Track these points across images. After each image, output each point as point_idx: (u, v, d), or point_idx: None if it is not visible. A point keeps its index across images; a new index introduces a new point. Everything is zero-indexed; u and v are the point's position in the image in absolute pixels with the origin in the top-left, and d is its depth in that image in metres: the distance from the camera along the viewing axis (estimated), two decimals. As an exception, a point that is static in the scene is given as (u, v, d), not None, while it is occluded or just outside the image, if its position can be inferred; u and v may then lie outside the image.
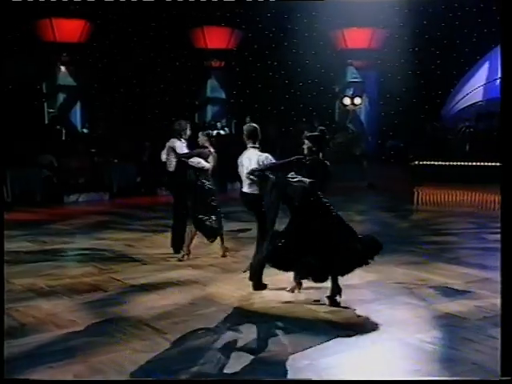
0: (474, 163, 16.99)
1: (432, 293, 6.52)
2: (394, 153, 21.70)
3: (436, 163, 17.60)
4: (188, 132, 8.70)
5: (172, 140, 8.57)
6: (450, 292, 6.58)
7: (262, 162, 6.59)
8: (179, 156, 8.38)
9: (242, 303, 6.35)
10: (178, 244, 8.55)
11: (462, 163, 17.15)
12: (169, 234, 9.19)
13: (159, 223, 11.24)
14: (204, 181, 8.25)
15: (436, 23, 21.75)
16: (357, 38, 22.60)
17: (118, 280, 7.32)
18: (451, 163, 17.37)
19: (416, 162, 17.46)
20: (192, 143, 8.77)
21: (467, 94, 19.64)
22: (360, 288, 6.67)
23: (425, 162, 17.53)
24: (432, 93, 21.94)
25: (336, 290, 6.14)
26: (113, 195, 14.67)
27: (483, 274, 7.29)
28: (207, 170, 8.27)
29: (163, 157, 8.69)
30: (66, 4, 18.86)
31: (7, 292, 6.29)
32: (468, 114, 19.05)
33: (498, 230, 10.29)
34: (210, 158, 8.27)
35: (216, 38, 23.00)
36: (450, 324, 5.55)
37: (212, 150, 8.29)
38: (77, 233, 10.72)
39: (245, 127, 7.00)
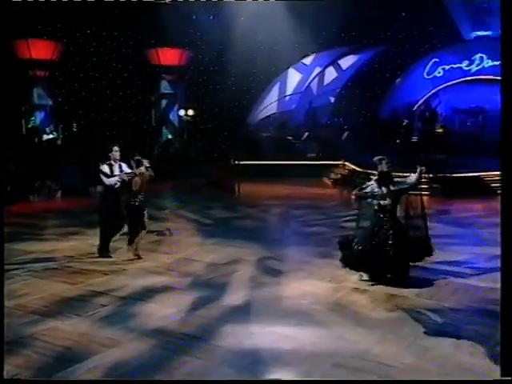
0: (281, 162, 18.68)
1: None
2: (202, 153, 22.44)
3: (252, 162, 18.85)
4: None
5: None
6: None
7: None
8: None
9: (237, 302, 6.46)
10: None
11: (273, 162, 18.71)
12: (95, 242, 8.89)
13: (69, 231, 10.43)
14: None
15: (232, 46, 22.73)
16: (169, 56, 22.73)
17: (102, 293, 6.88)
18: (264, 162, 18.81)
19: (236, 162, 18.45)
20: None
21: (265, 107, 21.24)
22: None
23: (243, 162, 18.64)
24: (230, 104, 23.01)
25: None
26: (-15, 204, 12.84)
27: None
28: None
29: None
30: None
31: (9, 316, 5.67)
32: (267, 122, 20.69)
33: (351, 218, 11.55)
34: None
35: (40, 50, 21.11)
36: (438, 322, 5.71)
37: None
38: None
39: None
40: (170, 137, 22.46)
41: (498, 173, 15.14)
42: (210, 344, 5.28)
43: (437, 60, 23.14)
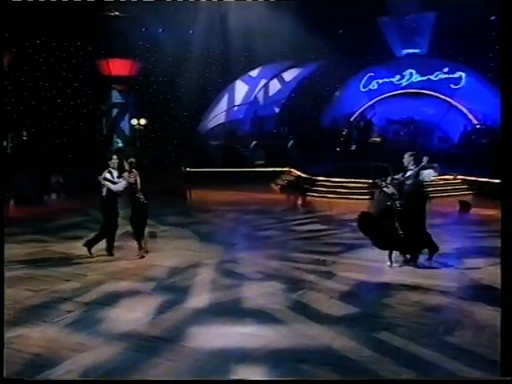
0: (230, 169, 18.70)
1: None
2: (153, 161, 22.14)
3: (203, 170, 18.80)
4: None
5: None
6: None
7: None
8: None
9: (200, 304, 6.45)
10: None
11: (222, 169, 18.71)
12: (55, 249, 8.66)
13: (26, 239, 10.04)
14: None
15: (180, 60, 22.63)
16: (119, 66, 22.32)
17: (66, 299, 6.67)
18: (214, 170, 18.78)
19: (187, 169, 18.37)
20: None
21: (214, 117, 21.26)
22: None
23: (193, 169, 18.57)
24: (180, 113, 22.85)
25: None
26: None
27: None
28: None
29: None
30: None
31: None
32: (217, 131, 20.71)
33: (300, 222, 11.79)
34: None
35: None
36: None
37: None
38: None
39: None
40: (120, 145, 22.03)
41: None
42: (180, 345, 5.25)
43: (372, 74, 24.01)
